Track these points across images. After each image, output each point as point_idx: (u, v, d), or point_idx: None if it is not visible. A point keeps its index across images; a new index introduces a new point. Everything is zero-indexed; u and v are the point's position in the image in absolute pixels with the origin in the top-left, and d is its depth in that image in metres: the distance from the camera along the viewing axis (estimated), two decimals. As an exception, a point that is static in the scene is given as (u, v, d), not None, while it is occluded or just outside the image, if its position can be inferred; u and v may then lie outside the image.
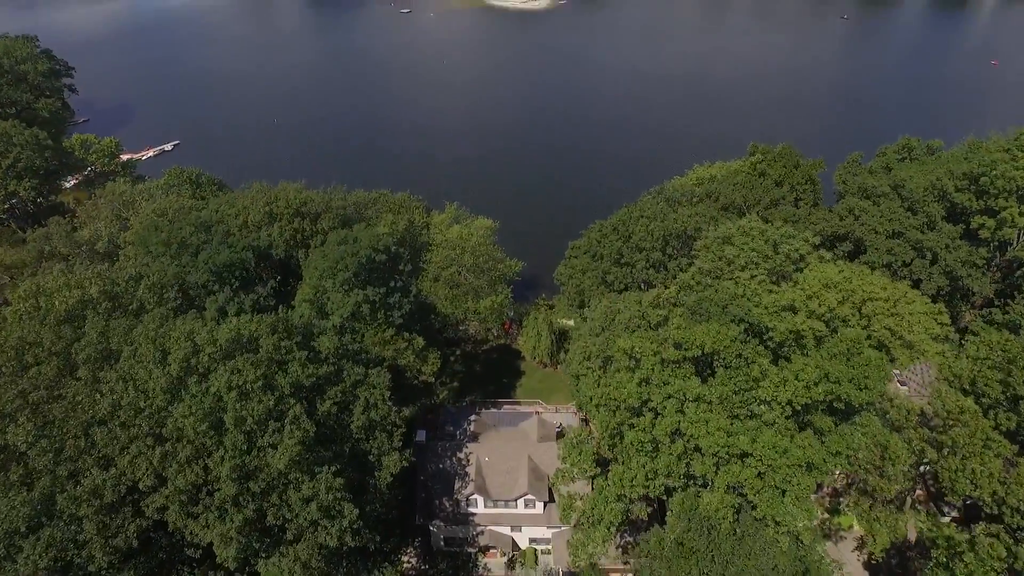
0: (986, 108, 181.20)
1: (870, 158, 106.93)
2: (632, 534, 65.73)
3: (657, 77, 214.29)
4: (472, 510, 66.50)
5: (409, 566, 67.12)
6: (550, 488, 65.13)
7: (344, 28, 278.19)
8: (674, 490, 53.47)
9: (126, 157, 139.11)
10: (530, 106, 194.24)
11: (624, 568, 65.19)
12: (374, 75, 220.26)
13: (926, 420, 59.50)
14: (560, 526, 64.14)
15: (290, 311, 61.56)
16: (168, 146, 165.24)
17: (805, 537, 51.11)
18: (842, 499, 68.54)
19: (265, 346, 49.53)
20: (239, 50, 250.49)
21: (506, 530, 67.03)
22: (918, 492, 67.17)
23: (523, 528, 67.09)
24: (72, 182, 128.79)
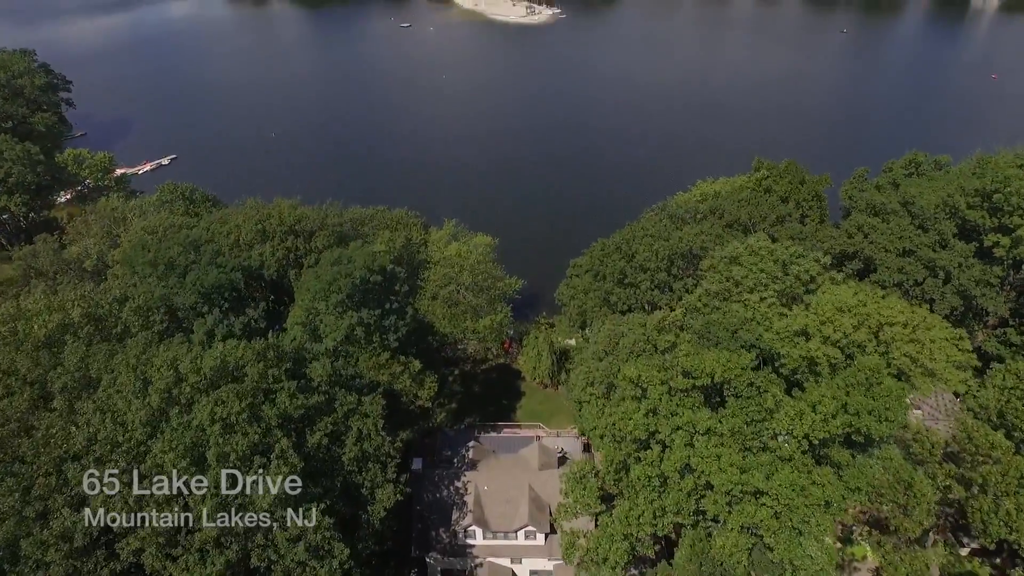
0: (987, 122, 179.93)
1: (873, 172, 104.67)
2: (637, 567, 62.92)
3: (657, 91, 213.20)
4: (470, 541, 63.88)
5: (404, 601, 64.29)
6: (551, 519, 62.46)
7: (344, 42, 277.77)
8: (683, 527, 50.71)
9: (122, 171, 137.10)
10: (530, 120, 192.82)
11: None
12: (374, 89, 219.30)
13: (951, 454, 56.59)
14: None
15: (282, 335, 59.19)
16: (165, 160, 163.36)
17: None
18: (855, 528, 65.67)
19: (251, 375, 47.07)
20: (239, 63, 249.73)
21: (506, 562, 64.42)
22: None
23: (523, 560, 64.43)
24: (65, 197, 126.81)
